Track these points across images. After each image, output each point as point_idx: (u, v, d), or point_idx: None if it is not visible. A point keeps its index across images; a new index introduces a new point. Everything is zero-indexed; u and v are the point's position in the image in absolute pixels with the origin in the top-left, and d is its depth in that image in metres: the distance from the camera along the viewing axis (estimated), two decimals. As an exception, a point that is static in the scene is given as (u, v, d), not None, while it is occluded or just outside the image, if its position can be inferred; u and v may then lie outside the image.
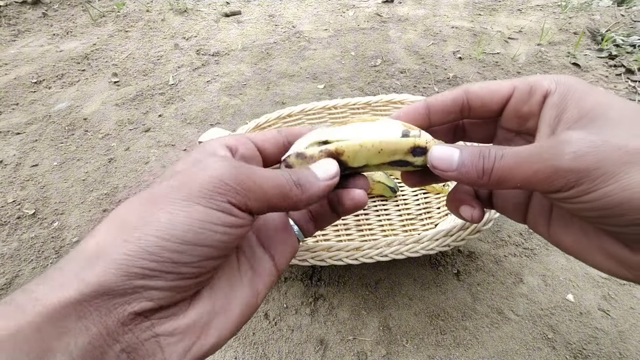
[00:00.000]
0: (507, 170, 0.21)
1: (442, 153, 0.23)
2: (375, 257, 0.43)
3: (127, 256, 0.17)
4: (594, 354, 0.47)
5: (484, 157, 0.22)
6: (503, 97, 0.25)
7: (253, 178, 0.21)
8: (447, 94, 0.26)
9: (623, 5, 1.35)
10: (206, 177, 0.20)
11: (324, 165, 0.24)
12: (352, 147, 0.24)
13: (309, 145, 0.25)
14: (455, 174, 0.23)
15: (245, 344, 0.50)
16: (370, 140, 0.24)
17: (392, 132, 0.24)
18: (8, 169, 0.81)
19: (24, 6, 1.56)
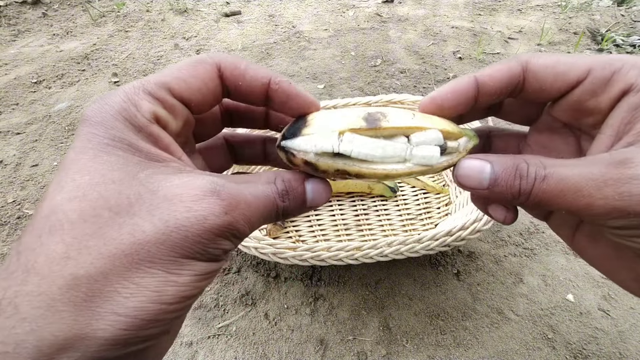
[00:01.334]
0: (549, 196, 0.17)
1: (470, 169, 0.20)
2: (375, 257, 0.43)
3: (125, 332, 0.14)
4: (594, 354, 0.47)
5: (521, 176, 0.18)
6: (570, 84, 0.20)
7: (246, 216, 0.18)
8: (501, 69, 0.21)
9: (623, 5, 1.35)
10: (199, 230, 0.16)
11: (320, 192, 0.21)
12: (376, 175, 0.21)
13: (323, 154, 0.20)
14: (487, 193, 0.20)
15: (245, 344, 0.50)
16: (399, 171, 0.21)
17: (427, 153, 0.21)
18: (8, 169, 0.81)
19: (24, 6, 1.56)
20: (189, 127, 0.21)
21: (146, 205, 0.16)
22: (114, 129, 0.17)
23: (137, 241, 0.15)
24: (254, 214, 0.18)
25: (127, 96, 0.17)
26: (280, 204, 0.20)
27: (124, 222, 0.15)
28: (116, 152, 0.16)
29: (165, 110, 0.19)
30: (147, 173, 0.16)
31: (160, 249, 0.15)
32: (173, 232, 0.16)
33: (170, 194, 0.16)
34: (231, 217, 0.17)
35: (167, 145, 0.18)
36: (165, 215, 0.16)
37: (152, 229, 0.15)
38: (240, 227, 0.18)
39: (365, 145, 0.20)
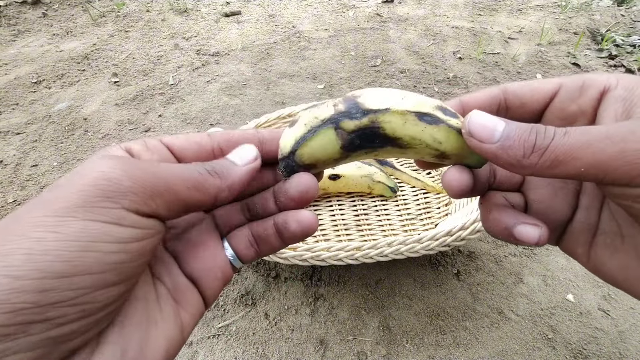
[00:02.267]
0: (570, 150, 0.16)
1: (484, 119, 0.19)
2: (375, 257, 0.43)
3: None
4: (594, 354, 0.47)
5: (537, 132, 0.17)
6: (546, 95, 0.21)
7: (155, 173, 0.16)
8: (483, 92, 0.23)
9: (623, 5, 1.35)
10: (89, 180, 0.15)
11: (240, 152, 0.21)
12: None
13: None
14: (495, 148, 0.18)
15: (245, 344, 0.50)
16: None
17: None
18: (8, 169, 0.81)
19: (24, 6, 1.56)
20: None
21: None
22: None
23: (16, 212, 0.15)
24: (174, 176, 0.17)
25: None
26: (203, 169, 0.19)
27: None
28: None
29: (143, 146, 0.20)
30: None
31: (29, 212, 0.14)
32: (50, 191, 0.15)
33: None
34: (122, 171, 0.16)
35: None
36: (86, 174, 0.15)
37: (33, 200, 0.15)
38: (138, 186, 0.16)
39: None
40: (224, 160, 0.20)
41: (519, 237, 0.20)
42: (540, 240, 0.20)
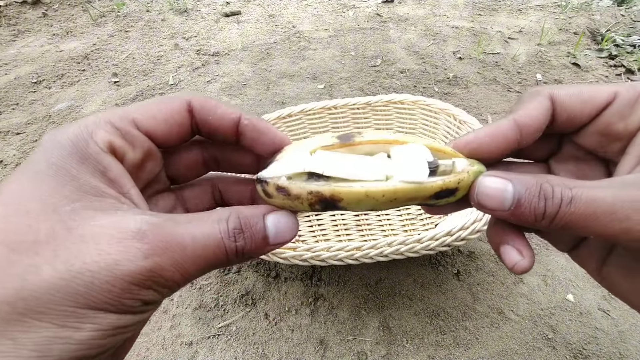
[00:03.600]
0: (578, 219, 0.16)
1: (492, 188, 0.18)
2: (375, 257, 0.43)
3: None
4: (594, 354, 0.47)
5: (546, 197, 0.17)
6: (598, 108, 0.19)
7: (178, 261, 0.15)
8: (536, 106, 0.20)
9: (623, 5, 1.35)
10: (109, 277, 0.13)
11: (284, 226, 0.18)
12: (355, 195, 0.18)
13: (295, 173, 0.18)
14: (508, 215, 0.18)
15: (245, 344, 0.50)
16: (380, 187, 0.17)
17: (414, 167, 0.18)
18: (8, 169, 0.81)
19: (24, 6, 1.56)
20: (153, 162, 0.20)
21: (54, 244, 0.13)
22: (55, 156, 0.15)
23: (27, 286, 0.12)
24: (190, 259, 0.15)
25: (85, 125, 0.16)
26: (231, 244, 0.17)
27: (18, 262, 0.13)
28: (47, 180, 0.15)
29: (124, 141, 0.17)
30: (75, 207, 0.14)
31: (55, 297, 0.13)
32: (76, 277, 0.13)
33: (88, 234, 0.14)
34: (153, 263, 0.14)
35: (116, 176, 0.17)
36: (72, 257, 0.13)
37: (50, 273, 0.13)
38: (168, 274, 0.15)
39: (338, 161, 0.18)
40: (259, 233, 0.18)
41: (502, 256, 0.21)
42: (516, 267, 0.20)
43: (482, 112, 0.90)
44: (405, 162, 0.18)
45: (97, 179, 0.16)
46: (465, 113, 0.60)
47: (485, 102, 0.93)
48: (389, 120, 0.69)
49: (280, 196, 0.18)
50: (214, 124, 0.20)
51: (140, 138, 0.18)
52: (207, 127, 0.20)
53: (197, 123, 0.20)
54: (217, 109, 0.20)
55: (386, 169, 0.18)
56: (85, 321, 0.13)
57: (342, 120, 0.69)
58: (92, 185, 0.15)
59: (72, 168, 0.15)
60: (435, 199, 0.19)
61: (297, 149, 0.19)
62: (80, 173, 0.15)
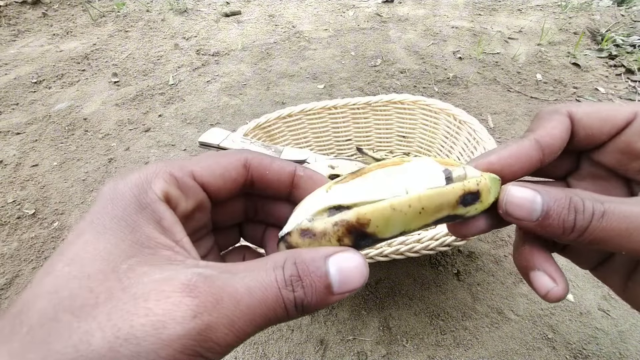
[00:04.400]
0: (610, 234, 0.16)
1: (521, 197, 0.18)
2: (375, 257, 0.43)
3: None
4: (594, 354, 0.47)
5: (576, 210, 0.16)
6: (618, 126, 0.19)
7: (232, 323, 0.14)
8: (556, 125, 0.20)
9: (623, 5, 1.35)
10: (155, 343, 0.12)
11: (348, 269, 0.16)
12: (381, 212, 0.16)
13: (316, 213, 0.17)
14: (534, 225, 0.17)
15: (245, 344, 0.50)
16: (404, 198, 0.16)
17: (429, 177, 0.17)
18: (8, 169, 0.81)
19: (24, 6, 1.56)
20: (203, 212, 0.20)
21: (110, 306, 0.13)
22: (118, 207, 0.15)
23: (79, 358, 0.12)
24: (245, 315, 0.14)
25: (146, 174, 0.17)
26: (289, 295, 0.14)
27: (76, 329, 0.12)
28: (108, 236, 0.14)
29: (179, 191, 0.17)
30: (131, 264, 0.14)
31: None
32: (122, 346, 0.12)
33: (140, 292, 0.13)
34: (203, 323, 0.13)
35: (169, 225, 0.16)
36: (121, 320, 0.12)
37: (99, 342, 0.12)
38: (220, 336, 0.13)
39: (355, 188, 0.17)
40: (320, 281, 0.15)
41: (533, 282, 0.20)
42: (549, 295, 0.19)
43: (482, 112, 0.90)
44: (421, 173, 0.18)
45: (152, 227, 0.15)
46: (465, 113, 0.60)
47: (485, 102, 0.93)
48: (389, 120, 0.69)
49: (307, 241, 0.17)
50: (270, 178, 0.20)
51: (195, 189, 0.18)
52: (262, 182, 0.20)
53: (253, 178, 0.20)
54: (273, 163, 0.20)
55: (404, 184, 0.17)
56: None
57: (342, 120, 0.69)
58: (147, 234, 0.15)
59: (130, 218, 0.15)
60: (464, 206, 0.18)
61: (311, 195, 0.19)
62: (138, 222, 0.15)
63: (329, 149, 0.71)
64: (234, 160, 0.19)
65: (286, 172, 0.20)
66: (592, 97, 0.92)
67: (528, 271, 0.20)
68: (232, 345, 0.14)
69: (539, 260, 0.20)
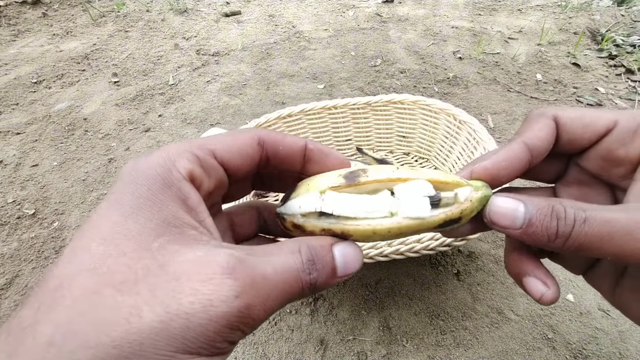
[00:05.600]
0: (592, 240, 0.17)
1: (504, 207, 0.19)
2: (376, 257, 0.43)
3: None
4: (594, 354, 0.47)
5: (558, 217, 0.17)
6: (598, 133, 0.20)
7: (264, 298, 0.15)
8: (541, 128, 0.21)
9: (623, 5, 1.35)
10: (205, 319, 0.14)
11: (349, 256, 0.19)
12: (363, 232, 0.19)
13: (309, 213, 0.20)
14: (519, 233, 0.18)
15: (245, 344, 0.50)
16: (386, 225, 0.19)
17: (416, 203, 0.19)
18: (8, 169, 0.81)
19: (24, 6, 1.56)
20: (221, 189, 0.21)
21: (151, 283, 0.14)
22: (142, 187, 0.16)
23: (131, 329, 0.13)
24: (273, 294, 0.16)
25: (168, 153, 0.17)
26: (306, 277, 0.17)
27: (122, 303, 0.13)
28: (136, 215, 0.15)
29: (202, 170, 0.18)
30: (161, 242, 0.15)
31: (155, 341, 0.13)
32: (173, 320, 0.13)
33: (179, 271, 0.14)
34: (243, 302, 0.14)
35: (194, 204, 0.17)
36: (168, 298, 0.13)
37: (150, 316, 0.13)
38: (255, 314, 0.15)
39: (345, 201, 0.19)
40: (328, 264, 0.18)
41: (526, 288, 0.21)
42: (543, 299, 0.20)
43: (482, 112, 0.90)
44: (407, 199, 0.19)
45: (178, 206, 0.16)
46: (465, 113, 0.60)
47: (485, 102, 0.93)
48: (389, 120, 0.69)
49: (297, 232, 0.20)
50: (283, 153, 0.21)
51: (216, 168, 0.19)
52: (277, 157, 0.22)
53: (268, 155, 0.21)
54: (285, 139, 0.21)
55: (390, 207, 0.19)
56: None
57: (342, 120, 0.69)
58: (173, 213, 0.16)
59: (156, 197, 0.16)
60: (442, 227, 0.20)
61: (308, 187, 0.21)
62: (164, 201, 0.16)
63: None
64: (248, 138, 0.20)
65: (298, 146, 0.22)
66: (592, 97, 0.92)
67: (520, 277, 0.22)
68: (263, 320, 0.16)
69: (529, 267, 0.21)
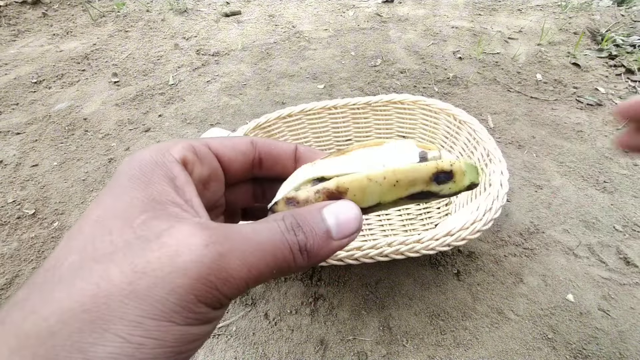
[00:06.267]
0: None
1: None
2: (375, 257, 0.43)
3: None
4: (594, 354, 0.47)
5: None
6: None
7: (243, 256, 0.14)
8: None
9: (623, 5, 1.35)
10: (171, 274, 0.13)
11: (343, 215, 0.17)
12: (358, 183, 0.18)
13: (301, 184, 0.19)
14: None
15: (245, 344, 0.50)
16: (380, 171, 0.18)
17: (405, 156, 0.19)
18: (8, 169, 0.81)
19: (24, 6, 1.56)
20: (218, 183, 0.21)
21: (126, 252, 0.13)
22: (136, 168, 0.17)
23: (100, 292, 0.12)
24: (254, 250, 0.15)
25: (166, 143, 0.18)
26: (292, 238, 0.16)
27: (97, 270, 0.13)
28: (124, 195, 0.16)
29: (195, 156, 0.19)
30: (144, 218, 0.15)
31: (123, 304, 0.12)
32: (140, 278, 0.13)
33: (153, 235, 0.14)
34: (215, 251, 0.13)
35: (182, 184, 0.17)
36: (137, 258, 0.13)
37: (118, 277, 0.13)
38: (232, 268, 0.14)
39: (338, 163, 0.19)
40: (318, 227, 0.17)
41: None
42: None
43: (482, 112, 0.90)
44: (397, 152, 0.20)
45: (165, 184, 0.17)
46: (465, 113, 0.60)
47: (485, 102, 0.93)
48: (389, 120, 0.69)
49: (291, 208, 0.19)
50: (276, 153, 0.23)
51: (209, 156, 0.20)
52: (270, 159, 0.23)
53: (261, 155, 0.22)
54: (277, 142, 0.23)
55: (382, 160, 0.19)
56: (149, 335, 0.12)
57: (342, 120, 0.70)
58: (159, 190, 0.16)
59: (145, 176, 0.16)
60: (437, 184, 0.19)
61: (298, 171, 0.21)
62: (152, 179, 0.16)
63: (329, 149, 0.71)
64: (242, 138, 0.22)
65: (290, 149, 0.23)
66: (592, 97, 0.92)
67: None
68: (247, 281, 0.15)
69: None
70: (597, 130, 0.82)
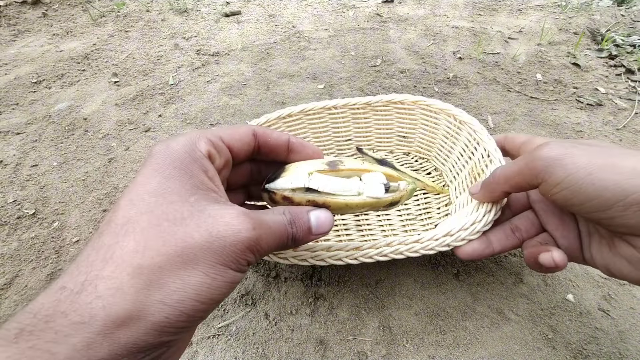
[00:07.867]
0: None
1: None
2: (375, 257, 0.43)
3: (167, 319, 0.18)
4: (594, 354, 0.47)
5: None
6: None
7: (267, 236, 0.23)
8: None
9: (623, 5, 1.35)
10: (235, 240, 0.21)
11: (323, 220, 0.27)
12: (338, 205, 0.28)
13: (297, 189, 0.28)
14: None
15: (245, 344, 0.50)
16: (355, 200, 0.29)
17: (375, 186, 0.30)
18: (8, 169, 0.81)
19: (24, 6, 1.56)
20: (227, 168, 0.28)
21: (195, 220, 0.21)
22: (177, 159, 0.23)
23: (188, 245, 0.20)
24: (272, 235, 0.24)
25: (190, 138, 0.24)
26: (290, 229, 0.25)
27: (178, 230, 0.20)
28: (174, 180, 0.22)
29: (215, 150, 0.26)
30: (195, 198, 0.22)
31: (204, 254, 0.20)
32: (215, 240, 0.20)
33: (214, 213, 0.21)
34: (257, 233, 0.22)
35: (212, 175, 0.24)
36: (210, 227, 0.21)
37: (199, 237, 0.20)
38: (263, 244, 0.23)
39: (328, 181, 0.28)
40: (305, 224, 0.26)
41: (541, 262, 0.31)
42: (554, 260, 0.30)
43: (482, 112, 0.90)
44: (370, 184, 0.30)
45: (203, 175, 0.23)
46: (466, 113, 0.60)
47: (485, 102, 0.93)
48: (389, 120, 0.69)
49: (285, 203, 0.28)
50: (272, 143, 0.30)
51: (224, 149, 0.27)
52: (267, 147, 0.30)
53: (260, 144, 0.30)
54: (273, 133, 0.30)
55: (358, 188, 0.30)
56: (219, 274, 0.20)
57: (342, 120, 0.69)
58: (200, 180, 0.23)
59: (188, 167, 0.23)
60: (390, 207, 0.32)
61: (298, 169, 0.29)
62: (193, 171, 0.23)
63: (329, 149, 0.71)
64: (246, 129, 0.29)
65: (283, 139, 0.30)
66: (592, 97, 0.92)
67: (536, 260, 0.32)
68: (265, 252, 0.24)
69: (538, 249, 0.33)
70: (597, 130, 0.82)
